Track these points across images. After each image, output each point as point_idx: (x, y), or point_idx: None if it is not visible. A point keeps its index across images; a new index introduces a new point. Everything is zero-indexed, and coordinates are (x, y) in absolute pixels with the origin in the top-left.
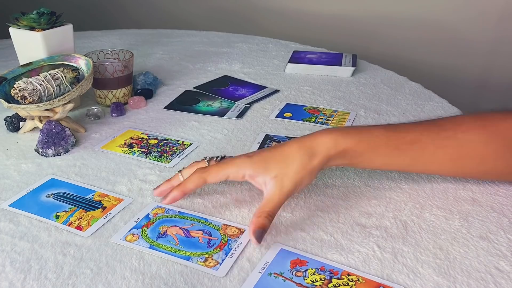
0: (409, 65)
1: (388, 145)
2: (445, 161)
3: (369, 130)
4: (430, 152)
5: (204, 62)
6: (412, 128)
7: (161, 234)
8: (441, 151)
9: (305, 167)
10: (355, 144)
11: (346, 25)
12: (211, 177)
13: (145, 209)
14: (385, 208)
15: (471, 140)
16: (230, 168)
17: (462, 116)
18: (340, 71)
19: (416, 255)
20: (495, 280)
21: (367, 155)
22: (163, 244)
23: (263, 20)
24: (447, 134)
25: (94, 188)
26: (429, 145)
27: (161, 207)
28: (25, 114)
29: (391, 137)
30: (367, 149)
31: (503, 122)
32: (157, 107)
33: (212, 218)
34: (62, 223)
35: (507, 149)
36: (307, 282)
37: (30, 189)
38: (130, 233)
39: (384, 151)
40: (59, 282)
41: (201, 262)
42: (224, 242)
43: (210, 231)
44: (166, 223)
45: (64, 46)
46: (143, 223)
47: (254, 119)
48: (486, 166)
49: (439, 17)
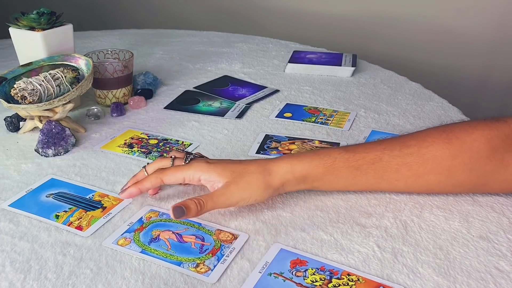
0: (409, 65)
1: (348, 167)
2: (410, 178)
3: (328, 153)
4: (393, 170)
5: (204, 62)
6: (373, 147)
7: (154, 238)
8: (404, 168)
9: (259, 184)
10: (313, 169)
11: (346, 25)
12: (167, 178)
13: (139, 213)
14: (385, 208)
15: (436, 154)
16: (186, 171)
17: (427, 131)
18: (340, 71)
19: (416, 255)
20: (495, 280)
21: (327, 178)
22: (155, 249)
23: (263, 20)
24: (410, 150)
25: (94, 188)
26: (391, 163)
27: (155, 211)
28: (25, 114)
29: (351, 159)
30: (326, 172)
31: (470, 134)
32: (157, 107)
33: (205, 223)
34: (62, 223)
35: (476, 161)
36: (307, 282)
37: (30, 189)
38: (122, 237)
39: (345, 173)
40: (59, 282)
41: (192, 268)
42: (217, 247)
43: (203, 236)
44: (160, 227)
45: (64, 46)
46: (136, 227)
47: (254, 119)
48: (456, 179)
49: (439, 17)
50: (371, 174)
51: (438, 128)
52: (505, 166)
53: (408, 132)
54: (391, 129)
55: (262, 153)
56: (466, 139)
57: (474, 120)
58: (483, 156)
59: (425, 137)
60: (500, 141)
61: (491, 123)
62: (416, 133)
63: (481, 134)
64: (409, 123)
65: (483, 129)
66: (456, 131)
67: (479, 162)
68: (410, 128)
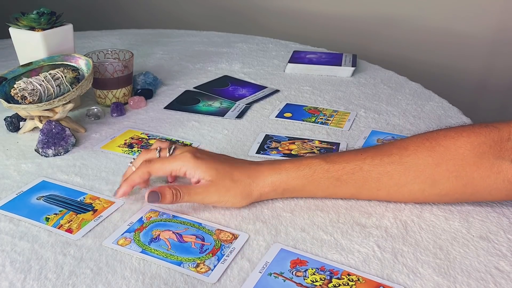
0: (409, 65)
1: (328, 178)
2: (392, 187)
3: (308, 164)
4: (374, 179)
5: (204, 62)
6: (353, 157)
7: (154, 238)
8: (385, 177)
9: (237, 193)
10: (292, 181)
11: (346, 25)
12: (155, 170)
13: (139, 213)
14: (385, 208)
15: (418, 163)
16: (173, 163)
17: (410, 138)
18: (340, 71)
19: (416, 255)
20: (495, 280)
21: (308, 188)
22: (155, 249)
23: (263, 20)
24: (391, 159)
25: (85, 191)
26: (372, 173)
27: (155, 211)
28: (25, 114)
29: (330, 169)
30: (306, 183)
31: (455, 141)
32: (157, 107)
33: (206, 223)
34: (52, 225)
35: (462, 168)
36: (307, 282)
37: (20, 191)
38: (123, 237)
39: (325, 184)
40: (59, 282)
41: (192, 268)
42: (217, 247)
43: (203, 236)
44: (160, 227)
45: (64, 46)
46: (136, 227)
47: (254, 119)
48: (441, 188)
49: (439, 17)
50: (351, 184)
51: (421, 136)
52: (496, 174)
53: (408, 131)
54: (391, 129)
55: (262, 153)
56: (450, 146)
57: (461, 126)
58: (469, 163)
59: (407, 146)
60: (487, 148)
61: (479, 129)
62: (399, 141)
63: (467, 141)
64: (409, 123)
65: (468, 135)
66: (440, 138)
67: (465, 170)
68: (410, 128)
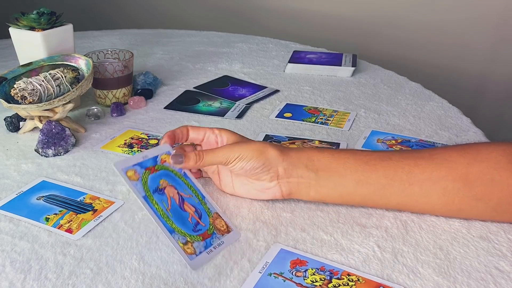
0: (409, 65)
1: (355, 159)
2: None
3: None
4: (405, 171)
5: (204, 62)
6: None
7: (159, 189)
8: (417, 170)
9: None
10: (317, 153)
11: (346, 25)
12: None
13: (157, 150)
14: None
15: (450, 160)
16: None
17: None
18: (340, 71)
19: (416, 255)
20: (495, 280)
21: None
22: (156, 202)
23: (263, 20)
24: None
25: (85, 191)
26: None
27: (170, 154)
28: (25, 114)
29: (357, 153)
30: (332, 160)
31: (486, 146)
32: (157, 107)
33: (209, 199)
34: (52, 225)
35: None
36: (307, 282)
37: (20, 191)
38: (134, 169)
39: (353, 165)
40: (59, 282)
41: (181, 243)
42: (210, 233)
43: (202, 213)
44: (168, 178)
45: (64, 46)
46: (148, 165)
47: (254, 119)
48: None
49: (439, 17)
50: (381, 171)
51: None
52: None
53: (408, 131)
54: (391, 129)
55: None
56: (481, 149)
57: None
58: (503, 168)
59: (436, 148)
60: None
61: (510, 142)
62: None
63: (499, 147)
64: (409, 123)
65: (499, 143)
66: (470, 144)
67: (500, 174)
68: (410, 128)
